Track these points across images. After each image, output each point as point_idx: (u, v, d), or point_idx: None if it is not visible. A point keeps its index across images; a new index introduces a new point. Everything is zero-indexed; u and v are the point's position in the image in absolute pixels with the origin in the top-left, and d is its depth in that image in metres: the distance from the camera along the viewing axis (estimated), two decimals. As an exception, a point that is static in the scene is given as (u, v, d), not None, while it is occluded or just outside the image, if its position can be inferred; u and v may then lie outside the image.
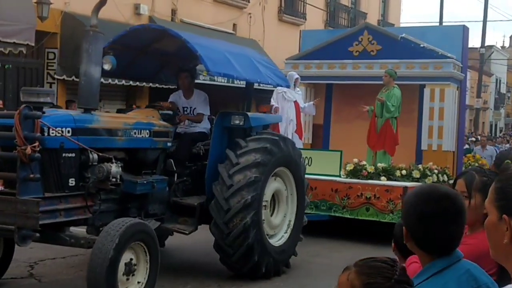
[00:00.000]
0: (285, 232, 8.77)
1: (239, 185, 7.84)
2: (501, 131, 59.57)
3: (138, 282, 6.45)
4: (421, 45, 13.07)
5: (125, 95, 18.73)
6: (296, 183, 8.90)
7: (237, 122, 8.28)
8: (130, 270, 6.32)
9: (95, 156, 6.81)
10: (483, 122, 57.14)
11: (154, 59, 9.11)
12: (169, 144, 8.02)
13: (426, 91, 12.99)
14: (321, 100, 13.91)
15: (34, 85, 15.35)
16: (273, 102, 12.99)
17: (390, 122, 12.16)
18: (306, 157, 11.87)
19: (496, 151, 19.11)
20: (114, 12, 16.37)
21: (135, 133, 7.43)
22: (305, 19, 27.00)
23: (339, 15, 30.55)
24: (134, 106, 9.09)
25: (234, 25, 23.45)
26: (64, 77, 16.00)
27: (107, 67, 7.81)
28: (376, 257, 2.16)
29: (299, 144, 12.93)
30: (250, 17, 23.97)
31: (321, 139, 14.53)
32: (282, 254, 8.54)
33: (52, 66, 16.21)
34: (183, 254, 9.48)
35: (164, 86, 17.85)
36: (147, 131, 7.61)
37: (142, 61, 8.92)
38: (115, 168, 6.75)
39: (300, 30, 17.63)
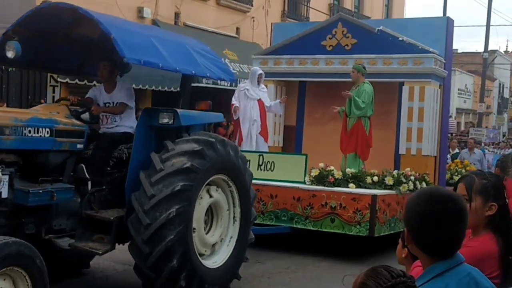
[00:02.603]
0: (225, 252, 7.49)
1: (162, 195, 6.56)
2: (504, 135, 58.65)
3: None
4: (400, 39, 11.82)
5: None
6: (240, 193, 7.61)
7: (165, 120, 7.02)
8: (0, 303, 5.04)
9: (-30, 159, 5.55)
10: (486, 127, 56.29)
11: (76, 47, 7.82)
12: (79, 146, 6.74)
13: (405, 89, 11.72)
14: (289, 98, 12.67)
15: (38, 88, 15.44)
16: (234, 100, 11.77)
17: (362, 122, 10.90)
18: (268, 161, 10.66)
19: (485, 155, 17.96)
20: (117, 15, 15.84)
21: (29, 131, 6.13)
22: (309, 23, 26.63)
23: (342, 19, 29.91)
24: (42, 101, 7.85)
25: (237, 28, 23.50)
26: (67, 80, 15.65)
27: (10, 54, 6.62)
28: (389, 266, 2.22)
29: (264, 147, 11.73)
30: (253, 21, 23.97)
31: (293, 142, 13.26)
32: (220, 278, 7.23)
33: None
34: (110, 277, 8.18)
35: (172, 89, 17.80)
36: (47, 129, 6.31)
37: (60, 49, 7.63)
38: (-8, 174, 5.49)
39: (272, 23, 16.50)
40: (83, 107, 7.09)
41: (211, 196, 7.27)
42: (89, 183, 6.82)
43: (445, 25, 12.25)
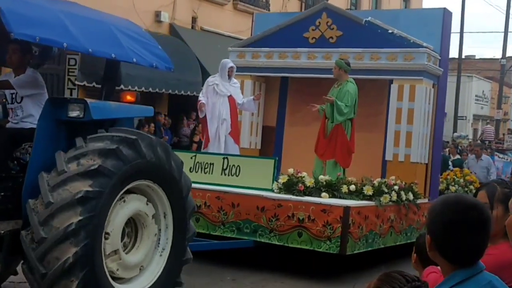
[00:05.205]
0: (151, 275, 6.20)
1: (61, 202, 5.34)
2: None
3: None
4: (390, 31, 10.53)
5: (142, 102, 17.07)
6: (172, 205, 6.33)
7: (75, 114, 5.80)
8: None
9: None
10: (503, 134, 54.95)
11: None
12: (-37, 142, 5.55)
13: (393, 88, 10.45)
14: (269, 96, 11.46)
15: (55, 91, 15.22)
16: (201, 96, 10.53)
17: (342, 125, 9.63)
18: (234, 165, 9.42)
19: (494, 162, 16.63)
20: (135, 19, 15.31)
21: None
22: (326, 27, 25.86)
23: (358, 23, 28.81)
24: None
25: (254, 33, 22.80)
26: (85, 83, 15.35)
27: None
28: (403, 271, 2.25)
29: (234, 149, 10.47)
30: (270, 25, 23.24)
31: (272, 144, 12.00)
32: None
33: (73, 72, 15.49)
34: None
35: (189, 93, 17.22)
36: None
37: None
38: None
39: (253, 13, 15.44)
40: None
41: (134, 207, 6.03)
42: (-23, 187, 5.61)
43: (441, 17, 10.92)
